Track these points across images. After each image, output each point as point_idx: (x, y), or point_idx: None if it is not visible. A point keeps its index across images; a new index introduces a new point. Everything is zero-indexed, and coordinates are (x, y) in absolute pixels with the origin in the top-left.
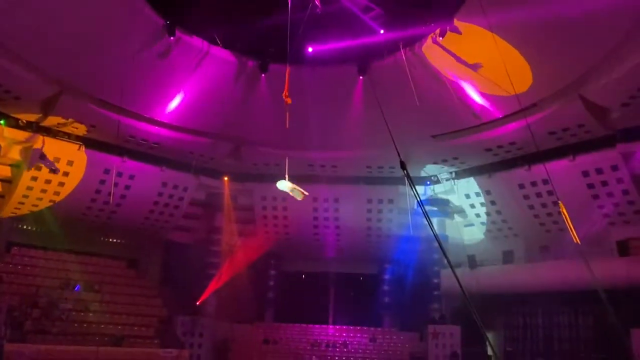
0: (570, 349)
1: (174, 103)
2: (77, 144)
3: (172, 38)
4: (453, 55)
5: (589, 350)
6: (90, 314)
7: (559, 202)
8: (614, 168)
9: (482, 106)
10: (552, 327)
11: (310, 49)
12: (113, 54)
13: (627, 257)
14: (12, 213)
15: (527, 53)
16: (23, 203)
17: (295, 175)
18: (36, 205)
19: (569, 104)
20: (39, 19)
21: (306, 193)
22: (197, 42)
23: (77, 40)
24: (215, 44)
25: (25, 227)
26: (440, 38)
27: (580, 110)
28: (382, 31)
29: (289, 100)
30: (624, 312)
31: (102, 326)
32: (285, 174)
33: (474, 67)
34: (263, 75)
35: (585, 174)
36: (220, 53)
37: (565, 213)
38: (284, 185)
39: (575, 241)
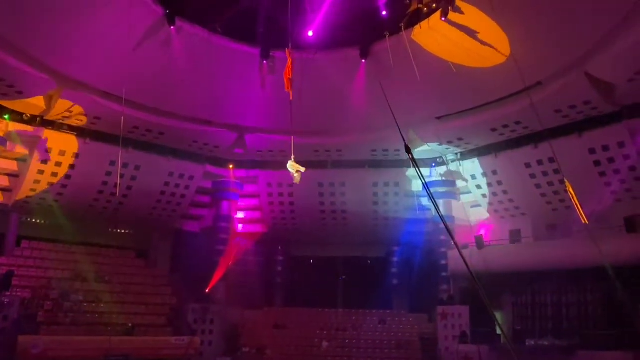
0: (579, 326)
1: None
2: (81, 136)
3: (172, 27)
4: (455, 34)
5: (598, 327)
6: (102, 305)
7: (566, 181)
8: (621, 145)
9: (485, 85)
10: (561, 305)
11: (310, 33)
12: (114, 45)
13: (635, 233)
14: (20, 206)
15: (530, 30)
16: (30, 196)
17: (300, 161)
18: (43, 199)
19: (575, 81)
20: (43, 16)
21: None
22: (198, 30)
23: (79, 32)
24: (216, 32)
25: (34, 220)
26: (443, 18)
27: (586, 87)
28: (384, 13)
29: (289, 85)
30: (632, 288)
31: (114, 316)
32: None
33: (476, 46)
34: (265, 62)
35: (592, 151)
36: (221, 41)
37: (572, 192)
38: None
39: (582, 219)
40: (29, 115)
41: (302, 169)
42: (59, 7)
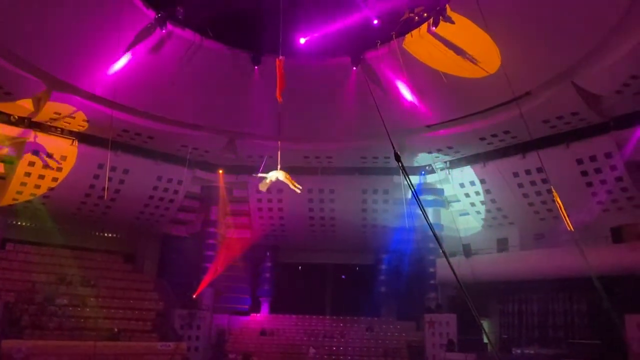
0: (564, 335)
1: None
2: (70, 138)
3: (163, 31)
4: (445, 44)
5: (583, 336)
6: (87, 309)
7: (553, 190)
8: (608, 155)
9: (475, 94)
10: (547, 314)
11: (302, 40)
12: (104, 49)
13: (621, 243)
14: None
15: (519, 41)
16: (17, 199)
17: (290, 167)
18: (29, 201)
19: (563, 92)
20: (34, 18)
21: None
22: (189, 34)
23: (68, 36)
24: (208, 36)
25: (19, 223)
26: (434, 27)
27: (574, 98)
28: (375, 21)
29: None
30: (618, 298)
31: (99, 321)
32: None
33: (466, 56)
34: (256, 67)
35: (579, 161)
36: (213, 45)
37: (559, 201)
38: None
39: (569, 229)
40: (16, 117)
41: (273, 178)
42: (49, 9)
